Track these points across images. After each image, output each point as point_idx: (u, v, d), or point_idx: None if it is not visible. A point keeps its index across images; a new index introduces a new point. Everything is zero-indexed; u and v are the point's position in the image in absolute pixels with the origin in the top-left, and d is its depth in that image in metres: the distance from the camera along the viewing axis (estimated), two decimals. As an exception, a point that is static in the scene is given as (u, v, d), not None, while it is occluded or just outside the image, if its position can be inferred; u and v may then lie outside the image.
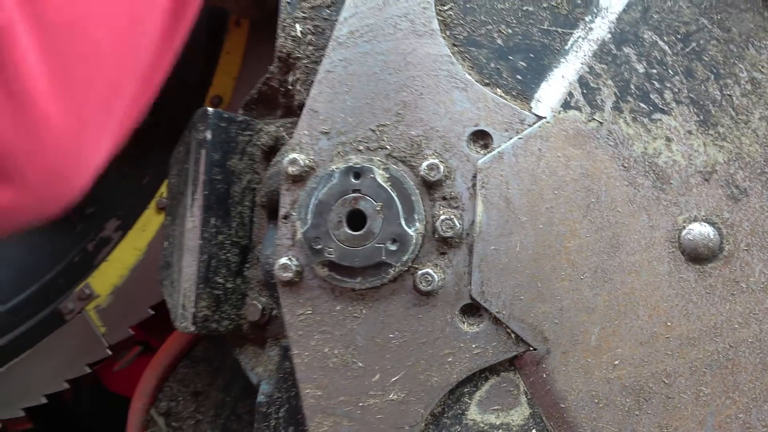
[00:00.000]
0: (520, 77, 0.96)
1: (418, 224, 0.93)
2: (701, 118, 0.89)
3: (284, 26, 1.08)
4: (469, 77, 0.94)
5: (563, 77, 0.93)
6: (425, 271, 0.92)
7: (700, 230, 0.87)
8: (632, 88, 0.91)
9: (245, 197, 1.14)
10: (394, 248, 0.92)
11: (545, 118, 0.92)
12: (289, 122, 1.13)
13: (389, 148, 0.95)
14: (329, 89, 0.98)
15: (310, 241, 0.94)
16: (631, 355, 0.88)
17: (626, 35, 0.92)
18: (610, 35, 0.92)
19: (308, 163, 0.97)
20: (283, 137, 1.12)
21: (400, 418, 0.93)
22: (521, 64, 0.96)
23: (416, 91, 0.95)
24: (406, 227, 0.92)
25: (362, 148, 0.96)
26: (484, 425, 0.93)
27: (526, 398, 0.92)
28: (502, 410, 0.93)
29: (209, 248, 1.09)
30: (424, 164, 0.93)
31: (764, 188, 0.87)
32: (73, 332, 1.48)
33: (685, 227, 0.88)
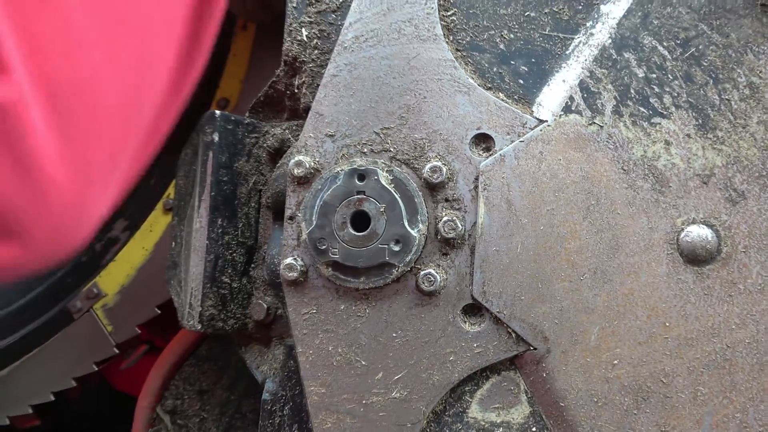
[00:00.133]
0: (521, 81, 0.97)
1: (421, 225, 0.95)
2: (700, 122, 0.91)
3: (291, 30, 1.10)
4: (471, 81, 0.96)
5: (564, 81, 0.95)
6: (428, 271, 0.93)
7: (698, 232, 0.88)
8: (632, 92, 0.92)
9: (251, 198, 1.16)
10: (397, 249, 0.94)
11: (546, 121, 0.94)
12: (294, 125, 1.15)
13: (393, 150, 0.97)
14: (334, 93, 1.00)
15: (314, 241, 0.96)
16: (629, 354, 0.89)
17: (626, 40, 0.93)
18: (610, 40, 0.94)
19: (313, 165, 0.99)
20: (288, 140, 1.14)
21: (402, 415, 0.94)
22: (523, 68, 0.97)
23: (420, 94, 0.97)
24: (409, 228, 0.94)
25: (366, 150, 0.98)
26: (484, 423, 0.95)
27: (526, 397, 0.94)
28: (502, 408, 0.94)
29: (216, 248, 1.11)
30: (427, 167, 0.95)
31: (762, 191, 0.88)
32: (80, 331, 1.50)
33: (683, 229, 0.89)
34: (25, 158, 0.54)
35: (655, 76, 0.92)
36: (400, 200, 0.94)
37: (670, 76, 0.92)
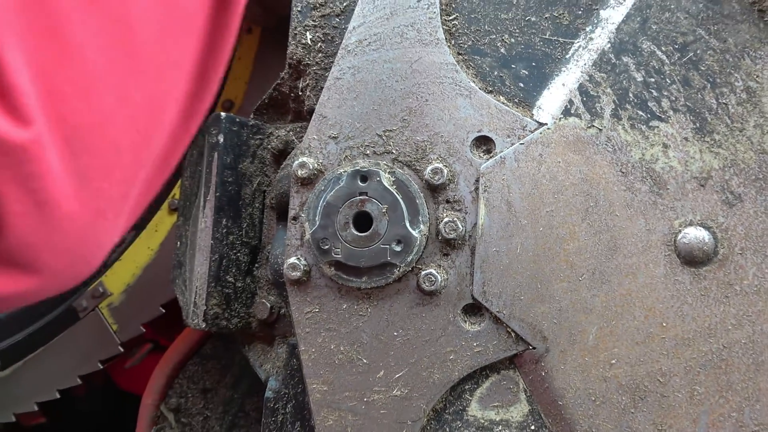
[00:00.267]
0: (522, 85, 0.99)
1: (422, 226, 0.96)
2: (697, 125, 0.92)
3: (295, 34, 1.12)
4: (473, 85, 0.98)
5: (564, 85, 0.97)
6: (429, 271, 0.95)
7: (695, 234, 0.90)
8: (631, 96, 0.94)
9: (256, 199, 1.18)
10: (398, 249, 0.95)
11: (546, 124, 0.95)
12: (298, 127, 1.17)
13: (395, 152, 0.99)
14: (338, 95, 1.01)
15: (317, 241, 0.98)
16: (627, 354, 0.90)
17: (625, 45, 0.95)
18: (609, 45, 0.95)
19: (317, 166, 1.01)
20: (292, 141, 1.16)
21: (403, 413, 0.96)
22: (524, 72, 0.99)
23: (422, 97, 0.99)
24: (410, 229, 0.95)
25: (369, 152, 1.00)
26: (484, 421, 0.96)
27: (525, 395, 0.95)
28: (501, 407, 0.96)
29: (220, 248, 1.13)
30: (428, 168, 0.96)
31: (758, 194, 0.90)
32: (86, 329, 1.52)
33: (681, 231, 0.90)
34: (43, 197, 0.57)
35: (653, 80, 0.94)
36: (401, 201, 0.96)
37: (668, 80, 0.93)
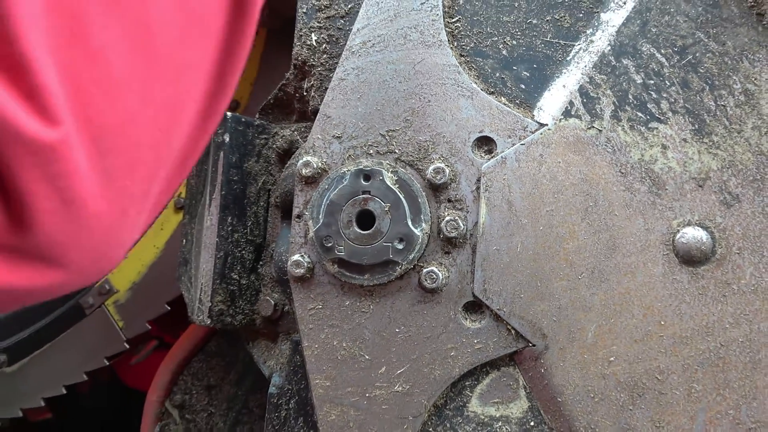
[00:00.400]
0: (523, 86, 1.00)
1: (424, 225, 0.98)
2: (696, 127, 0.93)
3: (300, 35, 1.14)
4: (474, 86, 0.99)
5: (564, 87, 0.98)
6: (430, 269, 0.96)
7: (693, 234, 0.91)
8: (630, 97, 0.95)
9: (260, 198, 1.20)
10: (401, 247, 0.97)
11: (547, 125, 0.97)
12: (303, 127, 1.19)
13: (398, 152, 1.00)
14: (342, 96, 1.03)
15: (321, 239, 0.99)
16: (625, 352, 0.92)
17: (625, 47, 0.96)
18: (609, 47, 0.97)
19: (321, 165, 1.03)
20: (297, 141, 1.18)
21: (404, 408, 0.97)
22: (525, 73, 1.01)
23: (424, 98, 1.00)
24: (412, 227, 0.97)
25: (372, 151, 1.01)
26: (484, 417, 0.97)
27: (524, 392, 0.97)
28: (501, 403, 0.97)
29: (225, 246, 1.14)
30: (430, 168, 0.98)
31: (756, 195, 0.91)
32: (92, 326, 1.54)
33: (679, 231, 0.92)
34: (70, 196, 0.59)
35: (652, 82, 0.95)
36: (404, 200, 0.98)
37: (667, 82, 0.95)
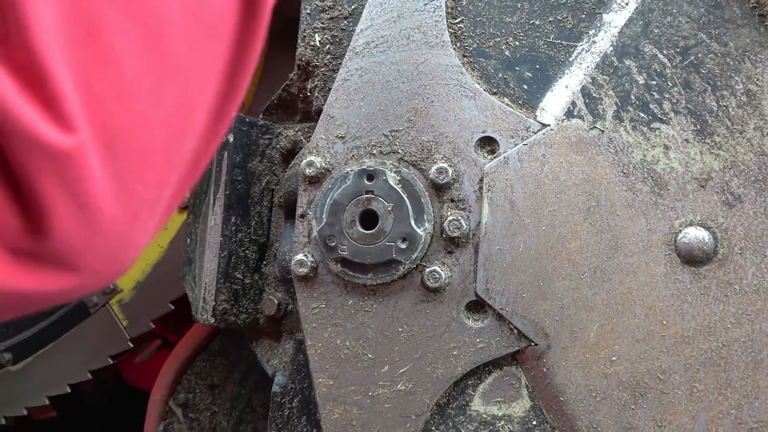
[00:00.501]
0: (526, 87, 1.01)
1: (427, 224, 0.98)
2: (698, 127, 0.94)
3: (304, 36, 1.14)
4: (477, 86, 1.00)
5: (567, 87, 0.98)
6: (433, 268, 0.97)
7: (695, 234, 0.91)
8: (632, 98, 0.96)
9: (264, 197, 1.20)
10: (404, 246, 0.97)
11: (549, 125, 0.97)
12: (307, 127, 1.19)
13: (401, 152, 1.01)
14: (345, 96, 1.04)
15: (324, 238, 1.00)
16: (627, 351, 0.92)
17: (627, 48, 0.97)
18: (612, 48, 0.97)
19: (324, 165, 1.03)
20: (301, 141, 1.18)
21: (407, 407, 0.98)
22: (527, 74, 1.01)
23: (427, 99, 1.01)
24: (415, 227, 0.97)
25: (375, 152, 1.02)
26: (486, 416, 0.98)
27: (527, 391, 0.97)
28: (504, 402, 0.97)
29: (229, 245, 1.15)
30: (433, 168, 0.98)
31: (758, 195, 0.91)
32: (96, 325, 1.55)
33: (681, 231, 0.92)
34: (86, 201, 0.60)
35: (655, 82, 0.95)
36: (407, 200, 0.98)
37: (669, 83, 0.95)
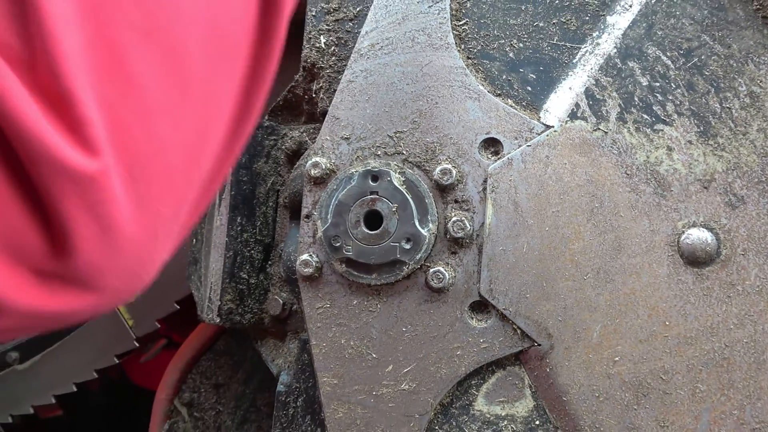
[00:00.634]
0: (530, 88, 1.01)
1: (431, 225, 0.99)
2: (701, 129, 0.94)
3: (310, 38, 1.15)
4: (481, 88, 1.00)
5: (571, 89, 0.99)
6: (437, 269, 0.98)
7: (698, 235, 0.92)
8: (636, 100, 0.96)
9: (269, 198, 1.21)
10: (408, 247, 0.98)
11: (553, 127, 0.98)
12: (312, 128, 1.20)
13: (405, 153, 1.02)
14: (350, 98, 1.04)
15: (329, 239, 1.01)
16: (630, 352, 0.92)
17: (631, 50, 0.97)
18: (615, 50, 0.98)
19: (329, 166, 1.04)
20: (306, 142, 1.19)
21: (410, 406, 0.98)
22: (531, 76, 1.02)
23: (432, 100, 1.02)
24: (419, 227, 0.98)
25: (380, 153, 1.03)
26: (490, 416, 0.98)
27: (530, 391, 0.97)
28: (507, 402, 0.98)
29: (235, 245, 1.16)
30: (437, 169, 0.99)
31: (761, 196, 0.92)
32: (102, 324, 1.56)
33: (684, 232, 0.92)
34: (108, 223, 0.61)
35: (658, 84, 0.96)
36: (411, 200, 0.99)
37: (672, 84, 0.95)
